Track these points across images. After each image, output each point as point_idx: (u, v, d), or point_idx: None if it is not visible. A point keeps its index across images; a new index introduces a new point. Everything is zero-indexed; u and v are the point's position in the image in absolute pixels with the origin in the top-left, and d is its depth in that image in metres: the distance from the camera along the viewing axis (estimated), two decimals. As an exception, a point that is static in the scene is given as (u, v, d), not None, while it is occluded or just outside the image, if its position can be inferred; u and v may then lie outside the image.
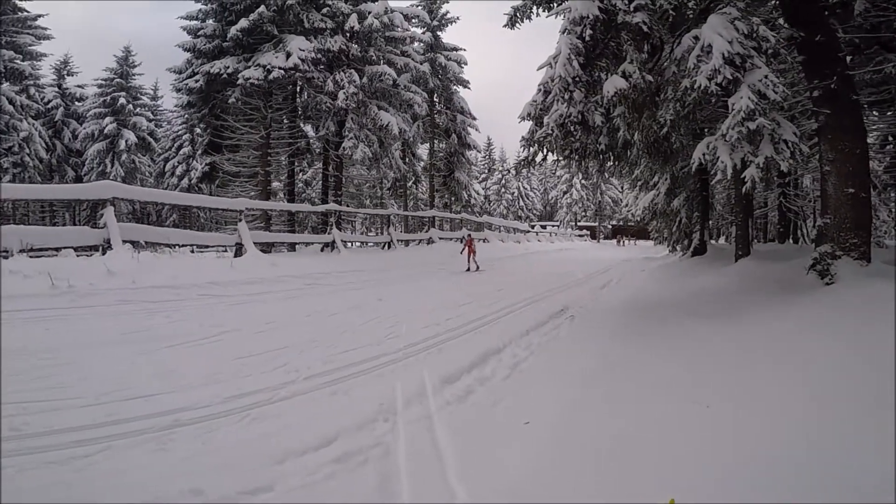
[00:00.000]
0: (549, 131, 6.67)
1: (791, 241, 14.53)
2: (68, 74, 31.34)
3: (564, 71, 5.86)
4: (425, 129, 25.56)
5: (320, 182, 21.57)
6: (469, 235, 15.39)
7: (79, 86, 31.71)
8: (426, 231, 21.42)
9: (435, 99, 26.23)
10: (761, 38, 4.77)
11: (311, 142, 19.43)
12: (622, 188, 46.81)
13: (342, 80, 16.46)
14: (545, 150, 7.67)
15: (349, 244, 16.60)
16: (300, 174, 24.10)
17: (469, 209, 28.54)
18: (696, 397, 3.19)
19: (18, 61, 22.99)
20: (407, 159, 23.30)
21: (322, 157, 19.55)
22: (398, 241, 17.73)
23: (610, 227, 55.60)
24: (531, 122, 7.83)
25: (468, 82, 27.28)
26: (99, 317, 5.61)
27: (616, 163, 9.75)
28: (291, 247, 14.97)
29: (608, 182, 50.86)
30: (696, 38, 4.95)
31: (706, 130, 9.61)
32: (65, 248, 8.04)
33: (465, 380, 3.95)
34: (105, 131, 29.05)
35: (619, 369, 4.08)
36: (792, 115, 7.98)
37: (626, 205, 33.71)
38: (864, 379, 2.87)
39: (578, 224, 52.29)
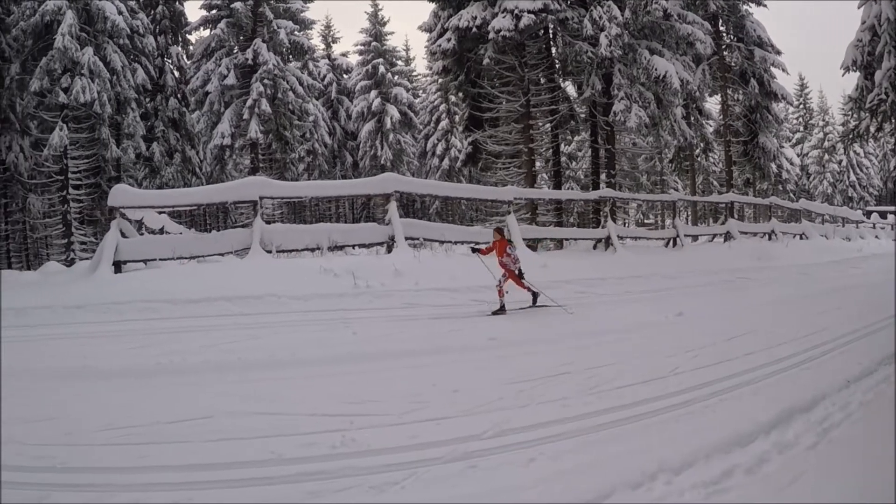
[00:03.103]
0: (883, 94, 5.67)
1: None
2: (333, 42, 36.13)
3: (891, 9, 4.87)
4: (712, 75, 21.80)
5: (588, 157, 21.29)
6: (500, 234, 8.50)
7: (342, 54, 35.94)
8: (722, 222, 19.08)
9: (721, 28, 22.13)
10: None
11: (574, 107, 19.50)
12: None
13: (600, 17, 15.54)
14: (879, 120, 6.58)
15: (624, 240, 15.46)
16: (564, 145, 24.25)
17: (782, 186, 24.16)
18: None
19: (297, 32, 25.30)
20: (693, 118, 20.87)
21: (589, 125, 19.36)
22: (685, 235, 16.38)
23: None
24: (859, 74, 6.72)
25: (762, -4, 21.65)
26: (391, 321, 7.19)
27: None
28: (559, 243, 15.05)
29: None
30: None
31: None
32: (358, 245, 10.38)
33: (760, 443, 3.67)
34: (372, 107, 33.27)
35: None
36: None
37: None
38: None
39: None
